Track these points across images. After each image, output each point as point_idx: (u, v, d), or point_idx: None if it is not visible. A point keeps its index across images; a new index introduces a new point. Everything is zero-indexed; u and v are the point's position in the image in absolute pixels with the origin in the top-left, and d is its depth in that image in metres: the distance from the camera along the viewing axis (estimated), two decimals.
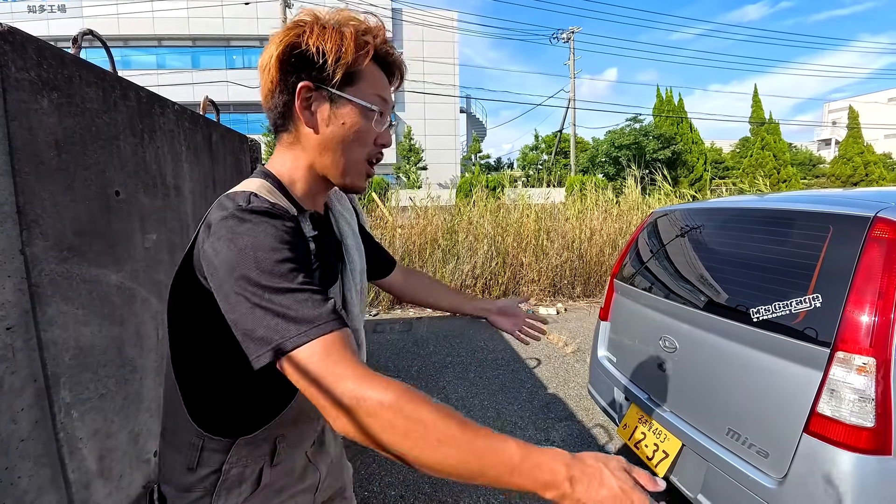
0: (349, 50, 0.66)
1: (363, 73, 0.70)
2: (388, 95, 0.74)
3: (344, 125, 0.70)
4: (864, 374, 1.17)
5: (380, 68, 0.73)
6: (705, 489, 1.56)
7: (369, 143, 0.74)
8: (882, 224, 1.24)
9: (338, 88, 0.68)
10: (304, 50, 0.65)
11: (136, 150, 1.57)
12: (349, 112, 0.70)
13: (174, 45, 24.78)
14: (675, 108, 21.98)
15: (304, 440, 0.83)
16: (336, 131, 0.70)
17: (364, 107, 0.70)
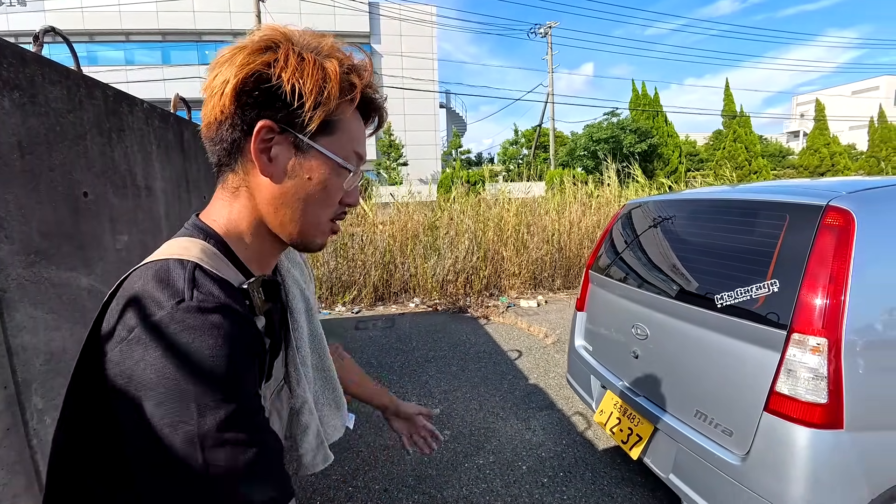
0: (333, 94, 0.53)
1: (342, 123, 0.57)
2: (363, 151, 0.62)
3: (310, 180, 0.57)
4: (818, 354, 1.24)
5: (360, 116, 0.62)
6: (676, 469, 1.63)
7: (335, 203, 0.61)
8: (833, 212, 1.32)
9: (310, 137, 0.55)
10: (275, 85, 0.51)
11: (105, 150, 1.54)
12: (318, 166, 0.57)
13: (143, 39, 23.96)
14: (650, 102, 22.39)
15: None
16: (299, 185, 0.56)
17: (338, 163, 0.57)
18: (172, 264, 0.50)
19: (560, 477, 2.24)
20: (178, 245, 0.54)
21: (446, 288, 5.59)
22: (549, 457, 2.41)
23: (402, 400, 1.05)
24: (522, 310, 5.30)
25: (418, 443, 1.05)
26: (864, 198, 1.36)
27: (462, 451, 2.47)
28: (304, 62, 0.52)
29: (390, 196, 7.55)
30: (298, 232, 0.60)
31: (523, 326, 4.64)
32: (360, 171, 0.62)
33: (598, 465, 2.32)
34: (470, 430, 2.69)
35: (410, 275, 5.76)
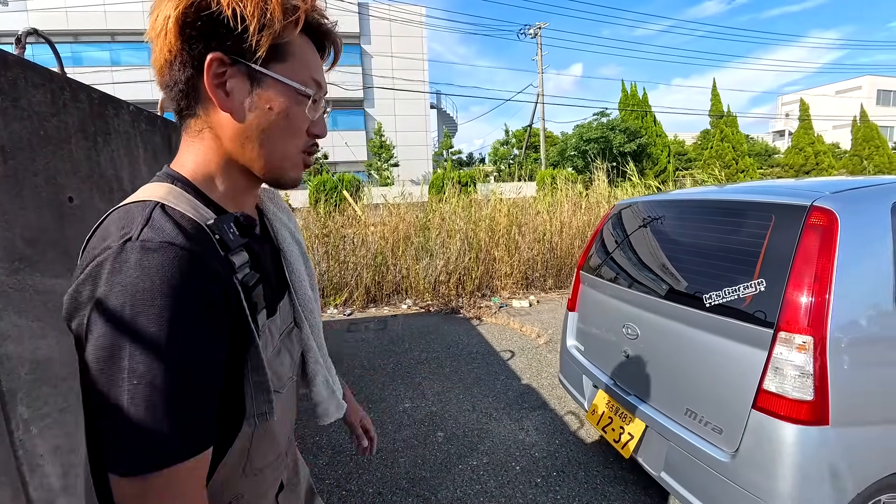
0: (276, 14, 0.51)
1: (293, 48, 0.57)
2: (322, 78, 0.61)
3: (271, 110, 0.56)
4: (804, 352, 1.26)
5: (311, 43, 0.61)
6: (668, 467, 1.65)
7: (303, 133, 0.60)
8: (818, 212, 1.34)
9: (262, 64, 0.54)
10: (215, 11, 0.50)
11: (90, 154, 1.52)
12: (276, 95, 0.56)
13: (129, 40, 23.64)
14: (639, 102, 22.60)
15: (266, 491, 0.69)
16: (261, 117, 0.56)
17: (296, 89, 0.57)
18: (134, 206, 0.50)
19: (553, 476, 2.25)
20: (145, 190, 0.53)
21: (438, 289, 5.59)
22: (542, 457, 2.42)
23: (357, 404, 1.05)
24: (515, 310, 5.31)
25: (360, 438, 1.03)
26: (847, 198, 1.39)
27: (456, 453, 2.48)
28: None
29: (382, 197, 7.53)
30: (269, 167, 0.59)
31: (516, 326, 4.66)
32: (321, 99, 0.62)
33: (591, 464, 2.34)
34: (463, 431, 2.69)
35: (402, 276, 5.75)
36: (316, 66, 0.61)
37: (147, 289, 0.44)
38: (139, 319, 0.43)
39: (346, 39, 25.36)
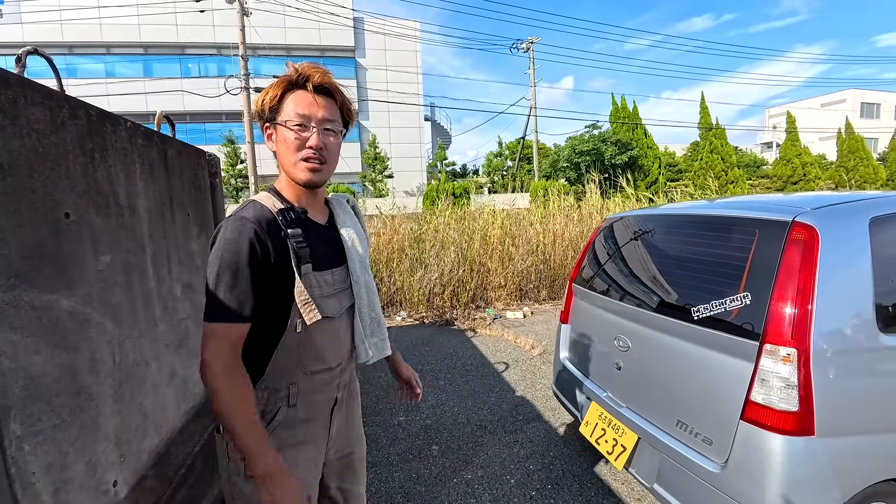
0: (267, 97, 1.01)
1: (283, 105, 1.01)
2: (307, 110, 1.00)
3: (281, 142, 1.02)
4: (789, 364, 1.30)
5: (302, 90, 1.01)
6: (660, 479, 1.66)
7: (293, 150, 1.01)
8: (799, 227, 1.39)
9: (271, 121, 1.02)
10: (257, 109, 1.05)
11: (87, 170, 1.53)
12: (278, 132, 1.02)
13: (124, 52, 23.71)
14: (630, 115, 22.96)
15: (320, 391, 1.08)
16: (279, 147, 1.03)
17: (282, 124, 1.00)
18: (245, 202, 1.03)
19: (548, 489, 2.25)
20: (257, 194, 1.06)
21: (433, 301, 5.60)
22: (536, 469, 2.42)
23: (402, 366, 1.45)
24: (509, 321, 5.33)
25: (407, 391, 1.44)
26: (827, 213, 1.43)
27: (451, 466, 2.47)
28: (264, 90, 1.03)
29: (376, 209, 7.56)
30: (289, 174, 1.05)
31: (510, 338, 4.67)
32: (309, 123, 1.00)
33: (585, 477, 2.34)
34: (458, 444, 2.69)
35: (397, 288, 5.75)
36: (301, 105, 1.00)
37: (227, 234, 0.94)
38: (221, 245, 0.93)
39: (342, 53, 25.62)
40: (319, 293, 1.03)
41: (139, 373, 1.79)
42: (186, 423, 2.21)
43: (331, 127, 1.03)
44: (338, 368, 1.13)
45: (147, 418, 1.83)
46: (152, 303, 1.93)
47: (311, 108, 1.00)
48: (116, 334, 1.63)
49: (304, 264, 0.99)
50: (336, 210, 1.18)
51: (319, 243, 1.05)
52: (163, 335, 2.00)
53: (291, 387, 1.03)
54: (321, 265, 1.04)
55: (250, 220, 0.94)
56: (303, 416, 1.05)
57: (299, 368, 1.03)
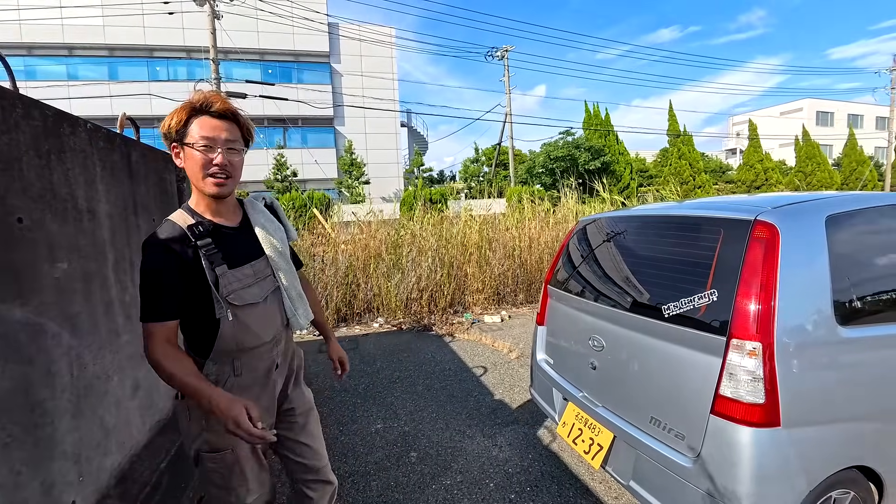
0: (173, 121, 1.17)
1: (189, 129, 1.17)
2: (211, 132, 1.16)
3: (189, 160, 1.19)
4: (754, 357, 1.34)
5: (206, 115, 1.17)
6: (636, 475, 1.69)
7: (199, 167, 1.17)
8: (761, 226, 1.44)
9: (179, 142, 1.19)
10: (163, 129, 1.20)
11: (42, 173, 1.46)
12: (187, 151, 1.18)
13: (87, 54, 22.84)
14: (602, 122, 23.55)
15: (259, 360, 1.31)
16: (187, 165, 1.20)
17: (189, 145, 1.17)
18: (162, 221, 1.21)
19: (527, 492, 2.25)
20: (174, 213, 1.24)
21: (410, 306, 5.56)
22: (515, 472, 2.42)
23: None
24: (487, 325, 5.35)
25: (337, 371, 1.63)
26: (787, 212, 1.50)
27: (429, 473, 2.44)
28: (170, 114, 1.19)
29: (352, 215, 7.48)
30: (197, 188, 1.22)
31: (488, 342, 4.68)
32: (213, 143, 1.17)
33: (563, 477, 2.36)
34: (437, 450, 2.67)
35: (374, 294, 5.69)
36: (205, 128, 1.17)
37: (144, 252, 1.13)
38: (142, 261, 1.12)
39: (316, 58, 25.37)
40: (240, 285, 1.23)
41: (100, 386, 1.70)
42: (152, 437, 2.11)
43: (233, 146, 1.21)
44: (272, 341, 1.34)
45: (109, 434, 1.74)
46: (114, 312, 1.84)
47: (215, 131, 1.17)
48: (75, 345, 1.55)
49: (218, 266, 1.18)
50: (249, 211, 1.36)
51: (232, 245, 1.25)
52: (126, 346, 1.91)
53: (235, 361, 1.26)
54: (237, 262, 1.24)
55: (160, 238, 1.14)
56: (248, 383, 1.29)
57: (239, 347, 1.24)
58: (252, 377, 1.30)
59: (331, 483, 1.51)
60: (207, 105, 1.16)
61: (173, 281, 1.13)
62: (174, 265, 1.13)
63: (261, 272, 1.30)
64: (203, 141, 1.15)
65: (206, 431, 1.23)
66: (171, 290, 1.13)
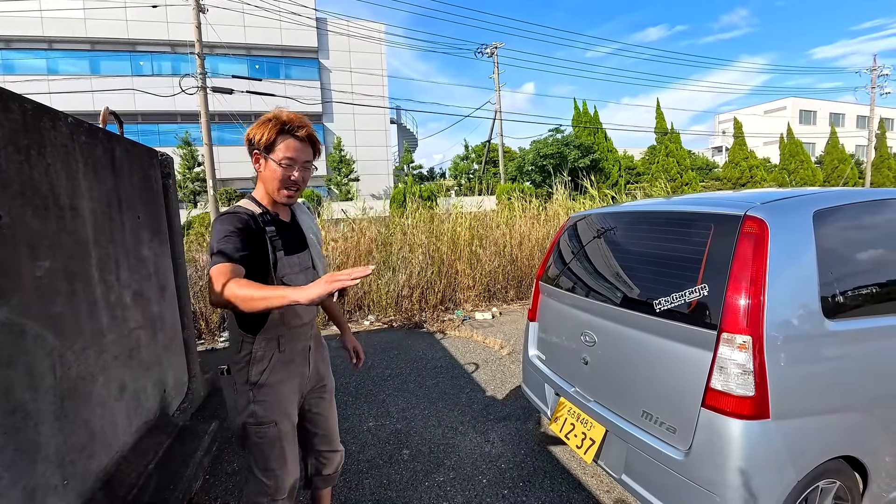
0: (264, 137, 1.33)
1: (275, 144, 1.34)
2: (295, 154, 1.36)
3: (269, 171, 1.37)
4: (744, 351, 1.35)
5: (291, 137, 1.35)
6: (628, 469, 1.70)
7: (277, 180, 1.37)
8: (750, 221, 1.46)
9: (263, 153, 1.36)
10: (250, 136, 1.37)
11: (22, 169, 1.42)
12: (269, 163, 1.36)
13: (68, 48, 22.29)
14: (591, 120, 23.71)
15: (298, 340, 1.48)
16: (266, 174, 1.38)
17: (273, 162, 1.35)
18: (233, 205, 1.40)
19: (520, 487, 2.26)
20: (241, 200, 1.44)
21: (401, 304, 5.54)
22: (508, 468, 2.42)
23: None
24: (478, 322, 5.35)
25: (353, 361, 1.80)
26: (776, 207, 1.51)
27: (422, 470, 2.44)
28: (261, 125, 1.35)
29: (342, 212, 7.43)
30: (270, 193, 1.41)
31: (479, 339, 4.69)
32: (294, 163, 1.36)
33: (556, 472, 2.37)
34: (429, 447, 2.66)
35: (364, 292, 5.66)
36: (288, 149, 1.35)
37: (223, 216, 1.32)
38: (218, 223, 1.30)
39: (304, 54, 25.11)
40: (290, 270, 1.41)
41: (84, 387, 1.66)
42: (139, 439, 2.07)
43: (308, 166, 1.42)
44: (309, 323, 1.53)
45: (94, 436, 1.70)
46: (98, 312, 1.80)
47: (298, 152, 1.36)
48: (57, 346, 1.51)
49: (278, 251, 1.37)
50: (297, 212, 1.57)
51: (287, 236, 1.44)
52: (111, 346, 1.87)
53: (280, 338, 1.42)
54: (289, 251, 1.43)
55: (238, 212, 1.34)
56: (288, 358, 1.45)
57: (284, 324, 1.42)
58: (292, 354, 1.47)
59: (339, 451, 1.74)
60: (295, 129, 1.34)
61: (248, 239, 1.28)
62: (250, 231, 1.31)
63: (305, 262, 1.49)
64: (287, 161, 1.34)
65: (252, 403, 1.37)
66: (244, 243, 1.26)
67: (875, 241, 1.74)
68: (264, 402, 1.38)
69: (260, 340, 1.39)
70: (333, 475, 1.75)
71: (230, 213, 1.32)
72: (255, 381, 1.38)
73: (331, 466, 1.72)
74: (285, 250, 1.40)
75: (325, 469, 1.71)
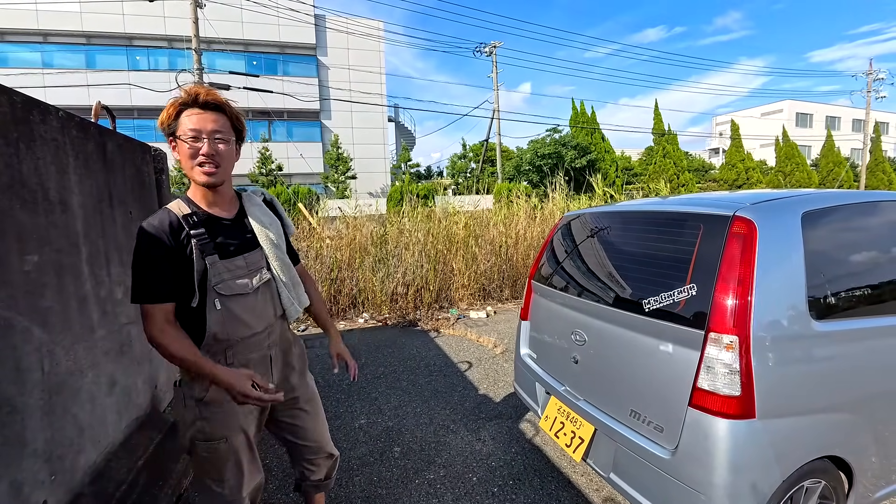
0: (164, 115, 1.23)
1: (179, 122, 1.22)
2: (197, 124, 1.21)
3: (180, 152, 1.25)
4: (731, 351, 1.36)
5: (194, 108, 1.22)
6: (616, 468, 1.71)
7: (189, 157, 1.23)
8: (739, 222, 1.47)
9: (171, 135, 1.24)
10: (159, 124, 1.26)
11: (11, 162, 1.41)
12: (179, 143, 1.24)
13: (63, 41, 22.11)
14: (589, 120, 23.75)
15: (251, 350, 1.34)
16: (180, 156, 1.25)
17: (179, 137, 1.23)
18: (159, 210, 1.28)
19: (510, 485, 2.27)
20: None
21: (396, 302, 5.54)
22: (498, 466, 2.43)
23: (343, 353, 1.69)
24: (472, 321, 5.36)
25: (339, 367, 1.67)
26: (764, 208, 1.52)
27: (412, 468, 2.44)
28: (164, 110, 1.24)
29: (338, 210, 7.41)
30: (190, 178, 1.28)
31: (473, 337, 4.69)
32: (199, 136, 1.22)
33: (546, 471, 2.38)
34: (420, 445, 2.67)
35: (359, 290, 5.65)
36: (192, 120, 1.22)
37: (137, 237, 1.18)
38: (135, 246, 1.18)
39: (302, 50, 25.00)
40: (230, 276, 1.27)
41: (73, 383, 1.65)
42: (129, 435, 2.06)
43: (220, 136, 1.24)
44: (265, 332, 1.38)
45: (83, 432, 1.69)
46: (89, 307, 1.79)
47: (201, 122, 1.22)
48: (46, 341, 1.50)
49: (208, 256, 1.23)
50: (245, 203, 1.40)
51: (225, 236, 1.30)
52: (101, 341, 1.86)
53: (227, 350, 1.30)
54: (229, 253, 1.29)
55: (153, 225, 1.20)
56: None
57: (229, 336, 1.28)
58: (245, 365, 1.33)
59: (333, 456, 1.67)
60: (194, 98, 1.22)
61: (165, 265, 1.18)
62: (165, 250, 1.19)
63: (254, 263, 1.34)
64: (191, 133, 1.21)
65: (199, 420, 1.28)
66: (163, 273, 1.18)
67: (863, 242, 1.75)
68: (210, 418, 1.28)
69: (203, 353, 1.24)
70: (325, 481, 1.68)
71: (142, 229, 1.18)
72: (199, 396, 1.28)
73: (320, 472, 1.65)
74: (221, 252, 1.25)
75: (314, 475, 1.65)
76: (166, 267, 1.18)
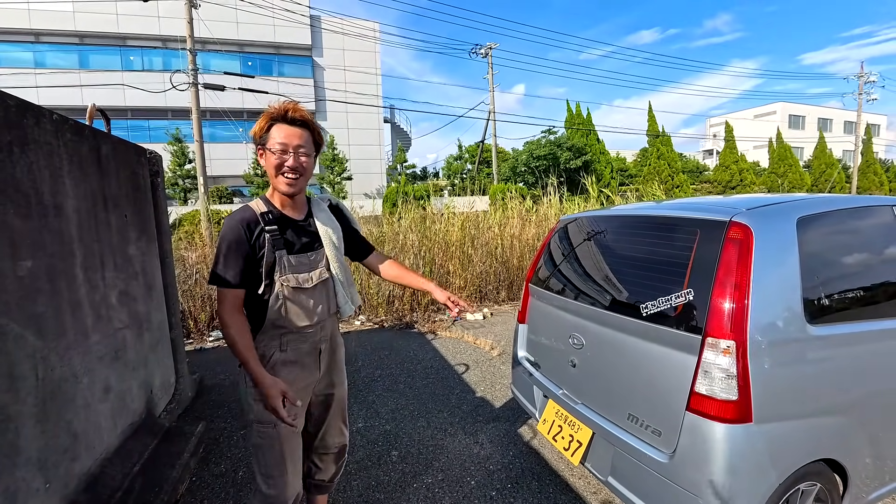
0: (257, 128, 1.39)
1: (269, 134, 1.37)
2: (285, 138, 1.36)
3: (267, 162, 1.39)
4: (728, 355, 1.37)
5: (282, 122, 1.37)
6: (614, 471, 1.71)
7: (274, 167, 1.38)
8: (736, 227, 1.48)
9: (261, 146, 1.39)
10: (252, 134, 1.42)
11: (3, 166, 1.39)
12: (267, 154, 1.38)
13: (56, 41, 21.93)
14: (584, 121, 23.84)
15: (305, 341, 1.49)
16: (267, 165, 1.40)
17: (268, 150, 1.37)
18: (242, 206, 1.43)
19: (508, 489, 2.27)
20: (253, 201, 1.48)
21: (392, 304, 5.53)
22: (496, 469, 2.43)
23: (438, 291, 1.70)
24: (469, 323, 5.36)
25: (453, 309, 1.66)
26: (760, 213, 1.53)
27: (410, 472, 2.44)
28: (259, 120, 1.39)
29: None
30: (273, 186, 1.43)
31: (470, 340, 4.69)
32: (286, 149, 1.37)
33: (544, 474, 2.38)
34: (418, 448, 2.66)
35: None
36: (281, 136, 1.36)
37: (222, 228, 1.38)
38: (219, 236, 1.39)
39: (298, 51, 24.95)
40: (294, 270, 1.42)
41: (67, 389, 1.64)
42: (124, 441, 2.05)
43: (304, 150, 1.40)
44: (317, 325, 1.51)
45: (77, 439, 1.68)
46: (83, 312, 1.77)
47: (290, 137, 1.36)
48: (39, 347, 1.49)
49: (278, 250, 1.39)
50: (313, 207, 1.56)
51: (294, 234, 1.46)
52: (95, 347, 1.85)
53: (283, 337, 1.44)
54: (296, 250, 1.45)
55: (236, 219, 1.36)
56: (292, 359, 1.47)
57: (287, 325, 1.43)
58: (296, 355, 1.48)
59: (342, 456, 1.78)
60: (285, 113, 1.36)
61: (240, 255, 1.34)
62: (244, 243, 1.34)
63: (316, 261, 1.49)
64: (279, 146, 1.35)
65: (255, 401, 1.41)
66: (237, 262, 1.34)
67: (857, 247, 1.77)
68: (263, 401, 1.38)
69: (261, 338, 1.42)
70: (328, 483, 1.76)
71: (229, 220, 1.36)
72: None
73: (326, 472, 1.74)
74: (289, 248, 1.42)
75: (319, 474, 1.73)
76: (241, 257, 1.34)
